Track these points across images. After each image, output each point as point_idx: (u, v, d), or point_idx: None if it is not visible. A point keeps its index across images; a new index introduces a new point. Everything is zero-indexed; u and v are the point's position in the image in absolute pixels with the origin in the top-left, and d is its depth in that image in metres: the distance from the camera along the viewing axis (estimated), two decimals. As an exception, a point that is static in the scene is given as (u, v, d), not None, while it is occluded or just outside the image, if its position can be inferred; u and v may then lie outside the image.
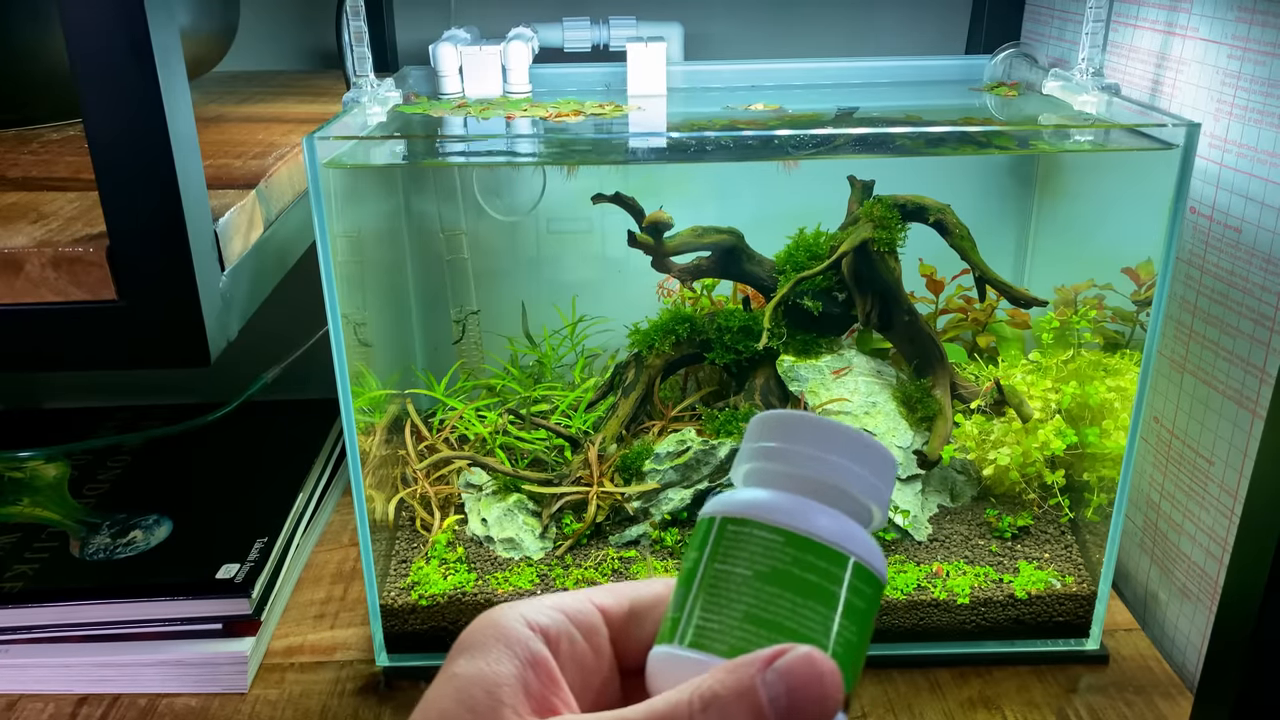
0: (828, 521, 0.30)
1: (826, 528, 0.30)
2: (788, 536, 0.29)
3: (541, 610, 0.31)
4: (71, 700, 0.74)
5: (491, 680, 0.28)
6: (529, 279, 1.01)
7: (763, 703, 0.25)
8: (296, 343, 0.99)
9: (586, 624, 0.31)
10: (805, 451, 0.31)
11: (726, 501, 0.31)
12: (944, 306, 0.92)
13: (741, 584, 0.29)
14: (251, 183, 0.59)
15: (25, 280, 0.48)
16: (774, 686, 0.26)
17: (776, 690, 0.26)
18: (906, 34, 1.05)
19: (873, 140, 0.70)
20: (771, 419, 0.32)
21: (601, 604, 0.32)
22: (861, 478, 0.31)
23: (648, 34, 0.96)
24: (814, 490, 0.31)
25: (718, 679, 0.26)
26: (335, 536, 0.94)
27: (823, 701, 0.26)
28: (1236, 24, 0.68)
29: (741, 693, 0.26)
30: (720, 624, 0.29)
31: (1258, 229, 0.67)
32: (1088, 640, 0.77)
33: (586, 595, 0.32)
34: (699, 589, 0.30)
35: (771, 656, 0.26)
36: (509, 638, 0.29)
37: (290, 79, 0.99)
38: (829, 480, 0.31)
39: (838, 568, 0.29)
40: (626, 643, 0.32)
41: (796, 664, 0.26)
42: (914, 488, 0.81)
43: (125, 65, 0.43)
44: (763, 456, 0.31)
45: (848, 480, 0.31)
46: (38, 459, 0.92)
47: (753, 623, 0.28)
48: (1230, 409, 0.71)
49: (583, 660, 0.31)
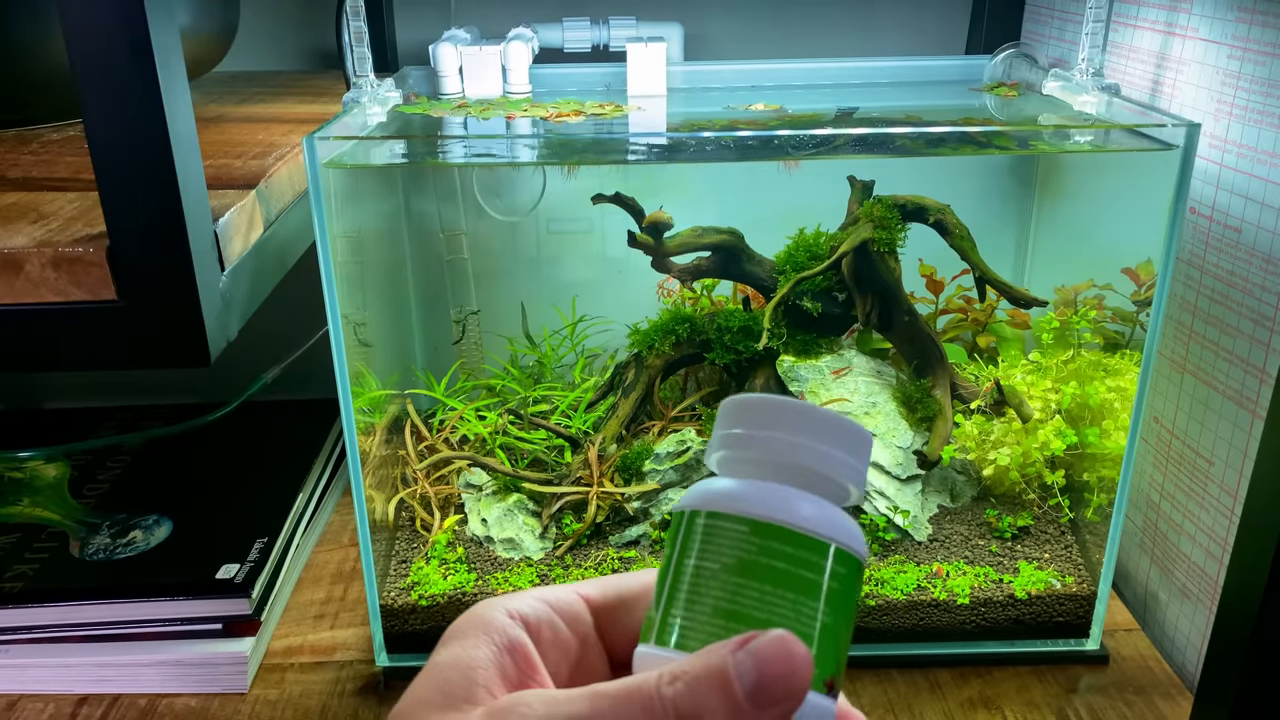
0: (797, 507, 0.29)
1: (795, 513, 0.29)
2: (753, 525, 0.29)
3: (524, 601, 0.31)
4: (71, 700, 0.74)
5: (467, 664, 0.29)
6: (529, 279, 1.01)
7: (731, 678, 0.26)
8: (296, 343, 0.99)
9: (570, 613, 0.32)
10: (773, 436, 0.30)
11: (695, 493, 0.31)
12: (944, 306, 0.92)
13: (711, 578, 0.29)
14: (251, 183, 0.59)
15: (25, 280, 0.48)
16: (742, 664, 0.26)
17: (745, 667, 0.26)
18: (906, 34, 1.05)
19: (873, 140, 0.70)
20: (739, 404, 0.31)
21: (587, 594, 0.33)
22: (832, 458, 0.30)
23: (648, 34, 0.96)
24: (784, 474, 0.30)
25: (689, 659, 0.27)
26: (335, 536, 0.94)
27: (790, 678, 0.26)
28: (1236, 24, 0.68)
29: (710, 669, 0.26)
30: (693, 620, 0.29)
31: (1258, 229, 0.67)
32: (1088, 640, 0.77)
33: (573, 587, 0.33)
34: (671, 586, 0.30)
35: (744, 640, 0.27)
36: (489, 626, 0.30)
37: (290, 79, 0.99)
38: (798, 463, 0.30)
39: (808, 553, 0.29)
40: (615, 633, 0.33)
41: (767, 644, 0.26)
42: (914, 488, 0.81)
43: (125, 65, 0.43)
44: (732, 444, 0.31)
45: (818, 462, 0.30)
46: (38, 459, 0.92)
47: (723, 616, 0.28)
48: (1230, 409, 0.71)
49: (567, 648, 0.31)
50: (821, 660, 0.28)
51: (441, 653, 0.29)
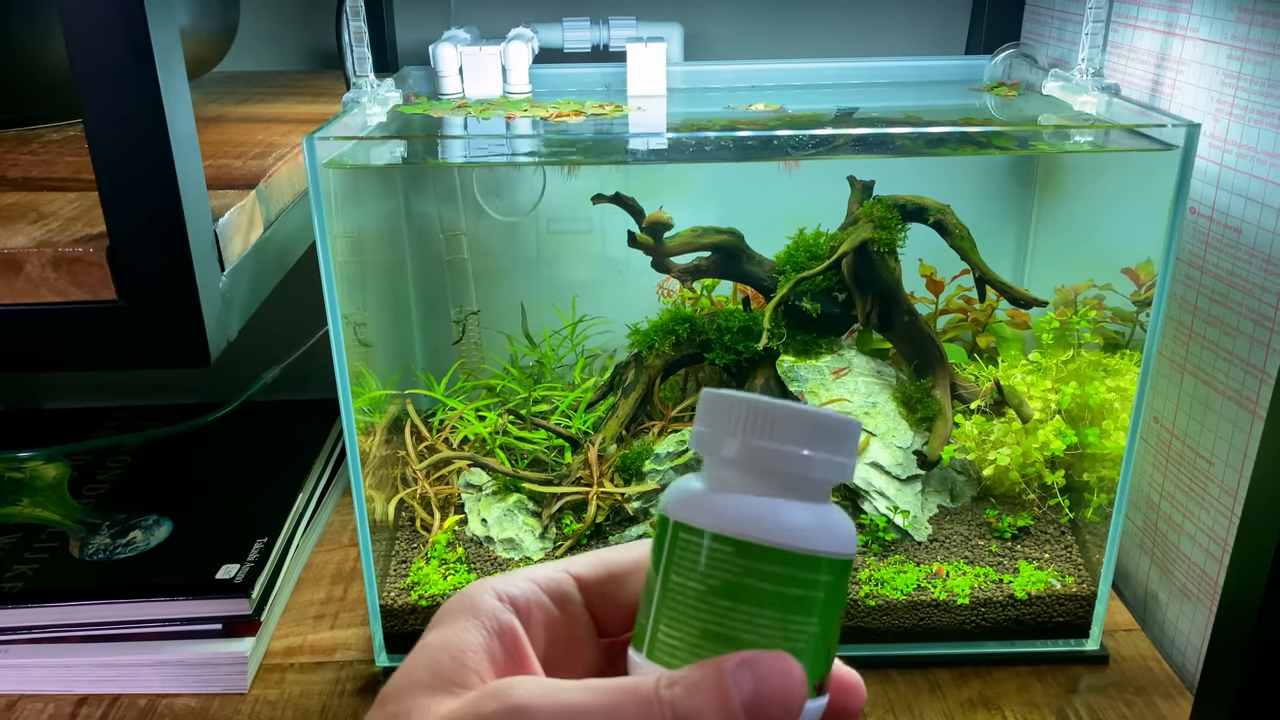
0: (781, 520, 0.28)
1: (780, 529, 0.28)
2: (738, 546, 0.28)
3: (512, 582, 0.32)
4: (71, 700, 0.74)
5: (458, 647, 0.29)
6: (529, 279, 1.01)
7: (729, 687, 0.27)
8: (296, 343, 0.99)
9: (559, 592, 0.32)
10: (757, 445, 0.29)
11: (679, 498, 0.30)
12: (944, 307, 0.92)
13: (698, 599, 0.28)
14: (251, 183, 0.59)
15: (25, 280, 0.48)
16: (741, 678, 0.27)
17: (743, 682, 0.27)
18: (906, 34, 1.05)
19: (873, 140, 0.70)
20: (719, 403, 0.30)
21: (576, 572, 0.33)
22: (816, 461, 0.29)
23: (648, 34, 0.96)
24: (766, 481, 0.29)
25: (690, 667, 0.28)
26: (335, 536, 0.94)
27: (787, 694, 0.27)
28: (1236, 24, 0.68)
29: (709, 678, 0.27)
30: (683, 642, 0.29)
31: (1258, 229, 0.67)
32: (1088, 640, 0.77)
33: (562, 564, 0.33)
34: (660, 599, 0.29)
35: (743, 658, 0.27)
36: (478, 609, 0.30)
37: (290, 79, 0.99)
38: (780, 470, 0.29)
39: (794, 569, 0.28)
40: (605, 608, 0.33)
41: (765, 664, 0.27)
42: (914, 488, 0.81)
43: (125, 65, 0.43)
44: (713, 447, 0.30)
45: (801, 467, 0.29)
46: (38, 459, 0.92)
47: (713, 640, 0.28)
48: (1230, 409, 0.71)
49: (555, 627, 0.32)
50: (812, 668, 0.28)
51: (432, 635, 0.30)
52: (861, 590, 0.76)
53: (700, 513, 0.29)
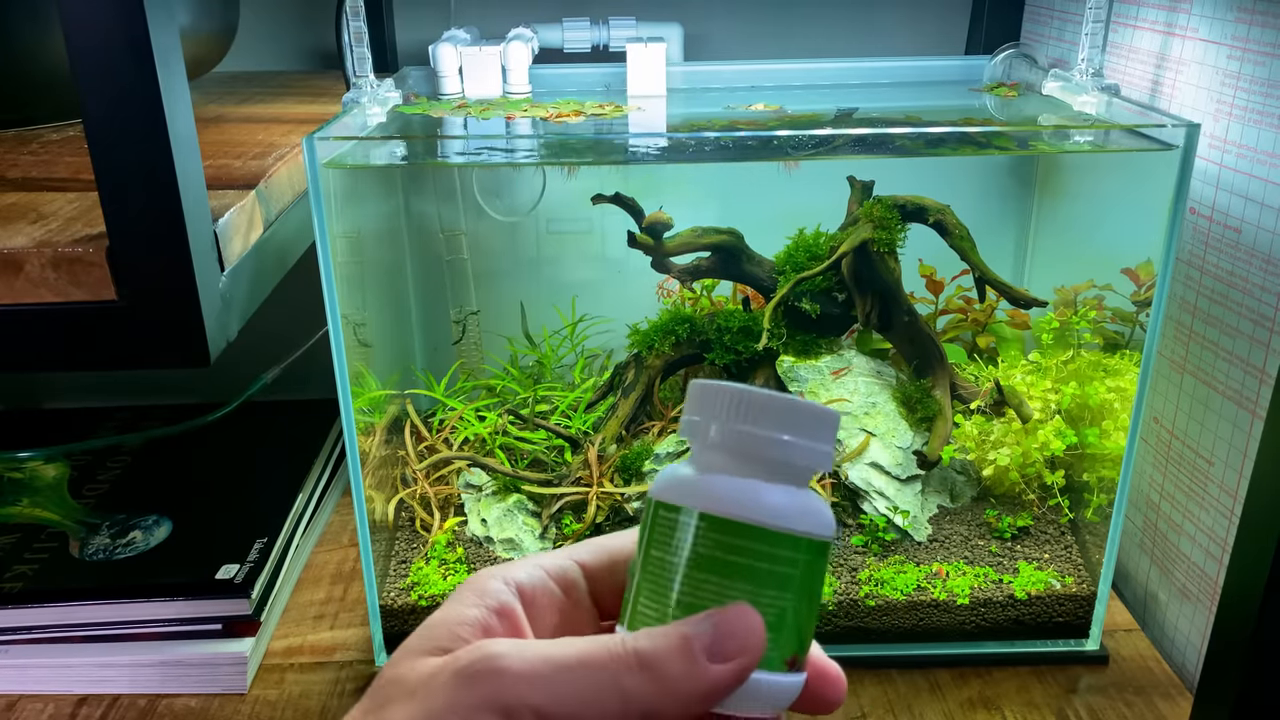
0: (759, 499, 0.30)
1: (759, 507, 0.29)
2: (710, 521, 0.29)
3: (521, 568, 0.34)
4: (71, 700, 0.74)
5: (455, 620, 0.31)
6: (529, 279, 1.01)
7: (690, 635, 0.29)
8: (296, 343, 0.99)
9: (564, 578, 0.34)
10: (739, 429, 0.30)
11: (663, 482, 0.31)
12: (944, 307, 0.92)
13: (674, 571, 0.30)
14: (251, 183, 0.59)
15: (25, 280, 0.48)
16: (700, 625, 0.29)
17: (702, 628, 0.29)
18: (906, 34, 1.05)
19: (873, 140, 0.70)
20: (706, 392, 0.31)
21: (580, 559, 0.35)
22: (796, 446, 0.30)
23: (647, 34, 0.96)
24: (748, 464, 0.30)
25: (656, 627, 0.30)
26: (335, 537, 0.94)
27: (746, 635, 0.29)
28: (1236, 24, 0.68)
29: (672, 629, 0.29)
30: (655, 610, 0.30)
31: (1257, 229, 0.67)
32: (1087, 641, 0.77)
33: (567, 552, 0.35)
34: (641, 575, 0.31)
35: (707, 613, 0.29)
36: (483, 590, 0.32)
37: (290, 79, 0.99)
38: (760, 454, 0.30)
39: (766, 545, 0.29)
40: (606, 592, 0.35)
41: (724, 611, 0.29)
42: (914, 488, 0.81)
43: (125, 65, 0.43)
44: (699, 433, 0.31)
45: (781, 452, 0.30)
46: (38, 459, 0.92)
47: (684, 610, 0.29)
48: (1230, 409, 0.71)
49: (560, 610, 0.34)
50: (783, 641, 0.29)
51: (435, 613, 0.32)
52: (861, 590, 0.76)
53: (682, 492, 0.30)
